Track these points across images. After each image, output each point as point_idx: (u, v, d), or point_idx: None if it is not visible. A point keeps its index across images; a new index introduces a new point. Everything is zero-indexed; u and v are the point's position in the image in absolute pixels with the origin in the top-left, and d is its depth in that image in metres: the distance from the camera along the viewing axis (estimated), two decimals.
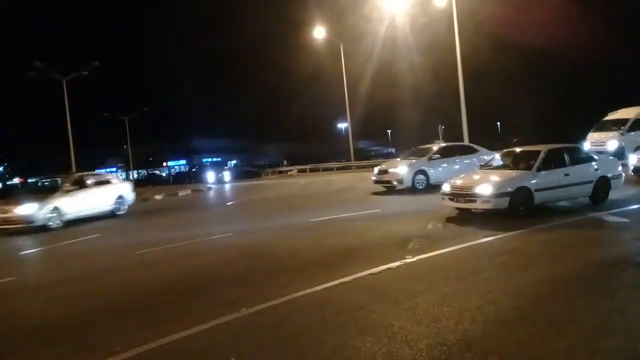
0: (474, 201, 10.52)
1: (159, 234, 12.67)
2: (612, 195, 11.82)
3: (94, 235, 13.35)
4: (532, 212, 10.37)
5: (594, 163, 11.82)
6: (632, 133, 19.43)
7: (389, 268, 7.12)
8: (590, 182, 11.47)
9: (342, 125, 65.41)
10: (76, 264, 9.89)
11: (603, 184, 11.65)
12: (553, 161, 11.29)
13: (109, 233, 14.01)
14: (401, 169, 17.31)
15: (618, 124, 20.63)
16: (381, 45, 41.58)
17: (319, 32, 43.66)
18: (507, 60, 60.19)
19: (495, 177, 10.91)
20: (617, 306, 5.09)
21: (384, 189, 17.74)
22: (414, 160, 17.75)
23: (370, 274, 6.87)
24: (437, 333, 4.64)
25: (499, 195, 10.24)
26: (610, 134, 20.17)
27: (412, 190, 16.68)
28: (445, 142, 25.94)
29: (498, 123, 79.58)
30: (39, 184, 18.67)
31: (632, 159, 15.71)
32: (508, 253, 7.73)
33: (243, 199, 22.75)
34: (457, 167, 16.90)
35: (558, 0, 48.85)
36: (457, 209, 11.24)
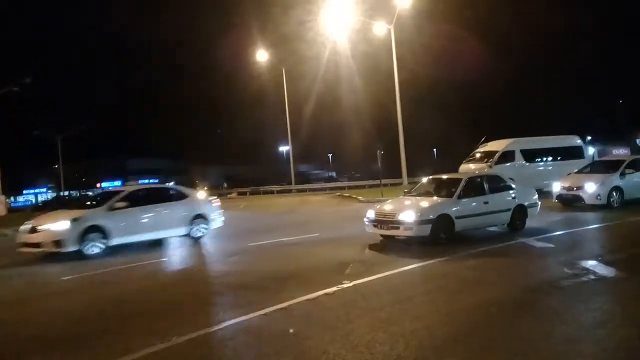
0: (397, 228, 10.41)
1: None
2: (537, 221, 12.36)
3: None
4: (452, 240, 10.42)
5: (511, 191, 12.02)
6: (500, 166, 20.10)
7: (326, 293, 7.09)
8: (508, 210, 11.68)
9: (283, 149, 65.60)
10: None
11: (520, 212, 11.91)
12: (473, 189, 11.44)
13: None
14: (60, 225, 11.52)
15: (488, 156, 21.40)
16: (324, 69, 42.32)
17: (262, 56, 43.95)
18: (442, 88, 62.48)
19: (418, 204, 10.92)
20: (542, 329, 5.28)
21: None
22: (82, 214, 12.01)
23: (307, 300, 6.81)
24: (371, 359, 4.64)
25: (421, 222, 10.20)
26: (480, 166, 20.71)
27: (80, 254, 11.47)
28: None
29: (435, 149, 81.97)
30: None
31: (556, 187, 16.51)
32: (441, 278, 7.88)
33: None
34: (147, 217, 12.71)
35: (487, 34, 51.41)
36: (381, 236, 11.14)
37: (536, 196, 12.66)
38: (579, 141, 23.78)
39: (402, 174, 35.15)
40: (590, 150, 28.19)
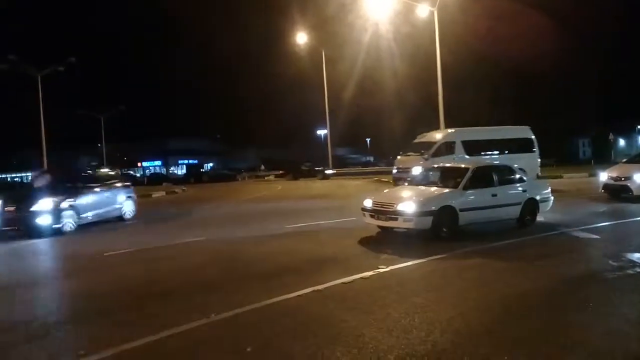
0: (396, 219, 9.70)
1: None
2: (579, 212, 12.02)
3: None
4: (455, 234, 9.81)
5: (522, 184, 11.30)
6: (437, 159, 18.27)
7: (362, 277, 7.11)
8: (518, 204, 10.98)
9: (321, 132, 65.60)
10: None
11: (531, 207, 11.21)
12: (481, 180, 10.64)
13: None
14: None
15: (425, 147, 19.71)
16: (364, 53, 41.94)
17: (301, 39, 43.82)
18: (487, 70, 61.10)
19: (419, 194, 10.25)
20: (582, 322, 5.16)
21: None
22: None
23: (343, 283, 6.85)
24: (407, 344, 4.64)
25: (422, 214, 9.52)
26: (416, 158, 19.29)
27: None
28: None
29: None
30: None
31: (603, 177, 16.12)
32: (476, 267, 7.77)
33: (216, 203, 22.53)
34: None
35: (536, 14, 49.83)
36: (379, 227, 10.59)
37: (549, 190, 11.98)
38: (530, 133, 21.96)
39: None
40: None
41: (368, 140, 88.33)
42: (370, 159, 76.44)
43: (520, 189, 11.17)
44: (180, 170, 61.95)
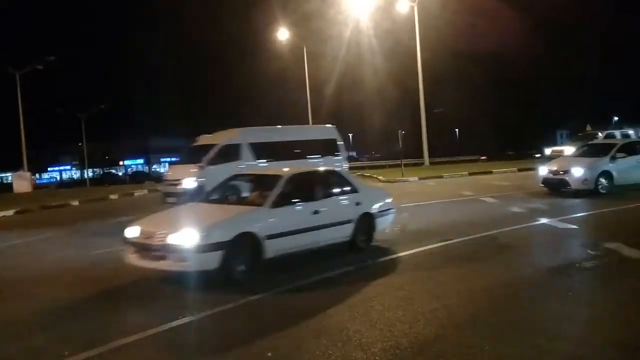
0: (164, 258, 6.61)
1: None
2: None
3: None
4: (251, 275, 6.82)
5: (355, 195, 8.62)
6: (216, 167, 14.65)
7: (347, 271, 7.14)
8: (348, 221, 8.24)
9: None
10: None
11: (366, 224, 8.54)
12: (297, 192, 7.91)
13: None
14: None
15: (202, 152, 15.75)
16: (345, 48, 41.98)
17: (282, 35, 43.66)
18: (467, 67, 61.51)
19: (203, 218, 7.17)
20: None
21: None
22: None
23: (327, 277, 6.87)
24: (390, 337, 4.67)
25: (204, 249, 6.44)
26: (190, 167, 15.39)
27: None
28: (401, 148, 26.18)
29: (457, 130, 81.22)
30: None
31: (542, 171, 15.53)
32: (461, 258, 7.86)
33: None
34: None
35: (513, 10, 50.35)
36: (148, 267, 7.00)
37: (389, 200, 9.30)
38: (335, 132, 18.69)
39: (424, 154, 34.96)
40: (617, 134, 27.55)
41: (350, 135, 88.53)
42: (353, 154, 76.61)
43: (351, 201, 8.52)
44: (163, 168, 61.50)
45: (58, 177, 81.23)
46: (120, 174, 64.41)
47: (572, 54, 67.78)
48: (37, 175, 69.84)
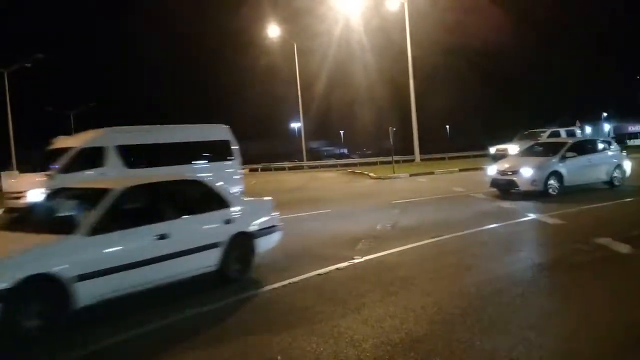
0: None
1: None
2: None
3: None
4: (52, 331, 5.01)
5: (225, 211, 6.81)
6: (71, 175, 12.05)
7: (338, 268, 7.16)
8: (214, 245, 6.49)
9: (295, 125, 65.53)
10: None
11: (241, 248, 6.81)
12: (137, 211, 6.27)
13: None
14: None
15: (57, 157, 13.02)
16: (335, 45, 42.06)
17: (273, 31, 43.60)
18: (457, 63, 61.68)
19: None
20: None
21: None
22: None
23: (318, 275, 6.89)
24: (381, 333, 4.70)
25: None
26: (37, 176, 12.75)
27: None
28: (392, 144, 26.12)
29: (447, 126, 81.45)
30: None
31: (491, 171, 14.63)
32: (452, 254, 7.90)
33: None
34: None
35: (503, 6, 50.56)
36: None
37: (276, 214, 7.68)
38: (228, 133, 16.05)
39: (415, 151, 35.06)
40: (606, 128, 27.69)
41: (342, 132, 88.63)
42: (344, 151, 76.61)
43: (219, 219, 6.70)
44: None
45: None
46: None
47: (562, 49, 68.20)
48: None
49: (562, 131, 27.22)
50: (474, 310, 5.27)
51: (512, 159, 15.97)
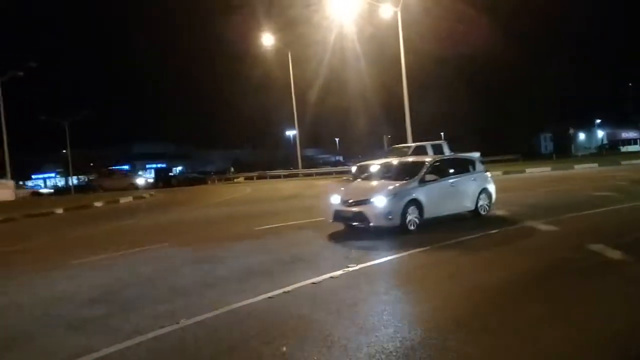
0: None
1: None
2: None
3: None
4: None
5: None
6: None
7: (332, 277, 7.15)
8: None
9: (290, 133, 65.61)
10: None
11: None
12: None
13: None
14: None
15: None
16: (330, 53, 42.14)
17: (267, 40, 43.74)
18: (450, 71, 62.09)
19: None
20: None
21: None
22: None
23: (312, 283, 6.87)
24: (375, 342, 4.69)
25: None
26: None
27: None
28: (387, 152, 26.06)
29: (442, 133, 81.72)
30: None
31: (335, 200, 11.04)
32: (444, 263, 7.91)
33: (185, 206, 22.32)
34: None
35: (496, 15, 50.88)
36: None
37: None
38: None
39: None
40: (600, 134, 27.53)
41: (337, 140, 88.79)
42: (340, 158, 76.69)
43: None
44: (149, 175, 61.12)
45: (42, 185, 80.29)
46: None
47: (555, 58, 68.71)
48: (21, 183, 68.89)
49: (428, 146, 23.85)
50: (468, 317, 5.26)
51: (361, 184, 12.42)
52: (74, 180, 64.50)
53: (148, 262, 9.33)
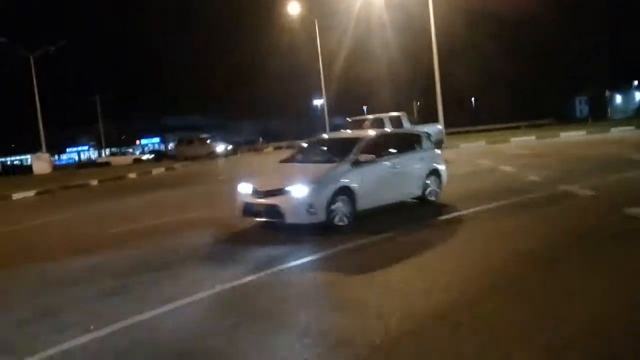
0: None
1: None
2: None
3: None
4: None
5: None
6: None
7: (362, 244, 7.18)
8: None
9: (317, 102, 65.24)
10: None
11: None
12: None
13: None
14: None
15: None
16: (356, 21, 41.43)
17: (293, 8, 43.22)
18: (481, 34, 60.45)
19: None
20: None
21: None
22: None
23: (345, 249, 6.93)
24: (408, 307, 4.72)
25: None
26: None
27: None
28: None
29: (473, 99, 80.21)
30: None
31: (244, 189, 8.60)
32: (477, 227, 7.86)
33: (214, 177, 22.54)
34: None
35: None
36: None
37: None
38: None
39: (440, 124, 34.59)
40: (637, 97, 26.06)
41: (365, 108, 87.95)
42: None
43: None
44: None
45: (76, 158, 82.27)
46: (137, 152, 64.91)
47: (590, 17, 66.18)
48: (57, 157, 70.78)
49: (386, 118, 20.30)
50: (501, 283, 5.25)
51: (276, 169, 9.81)
52: (106, 152, 65.80)
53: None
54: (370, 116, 21.75)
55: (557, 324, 4.17)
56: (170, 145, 56.80)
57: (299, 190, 7.97)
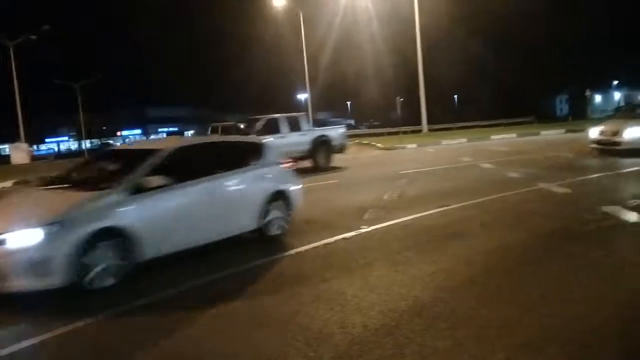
0: None
1: None
2: None
3: None
4: None
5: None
6: None
7: (344, 238, 7.18)
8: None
9: (302, 96, 65.06)
10: None
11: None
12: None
13: None
14: None
15: None
16: (342, 15, 41.39)
17: (278, 0, 43.00)
18: (464, 30, 60.78)
19: None
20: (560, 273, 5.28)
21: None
22: None
23: (326, 244, 6.91)
24: (388, 300, 4.73)
25: None
26: None
27: None
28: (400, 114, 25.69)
29: (455, 96, 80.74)
30: None
31: None
32: (460, 222, 7.89)
33: None
34: None
35: None
36: None
37: None
38: None
39: (422, 121, 34.79)
40: (617, 96, 26.77)
41: (349, 103, 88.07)
42: (351, 122, 76.25)
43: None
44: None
45: (56, 149, 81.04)
46: (118, 144, 64.21)
47: (574, 17, 66.99)
48: (35, 147, 69.62)
49: (282, 119, 17.21)
50: (481, 278, 5.28)
51: (15, 200, 6.64)
52: (86, 144, 64.93)
53: None
54: (265, 117, 17.28)
55: (537, 321, 4.21)
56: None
57: (20, 238, 5.17)
